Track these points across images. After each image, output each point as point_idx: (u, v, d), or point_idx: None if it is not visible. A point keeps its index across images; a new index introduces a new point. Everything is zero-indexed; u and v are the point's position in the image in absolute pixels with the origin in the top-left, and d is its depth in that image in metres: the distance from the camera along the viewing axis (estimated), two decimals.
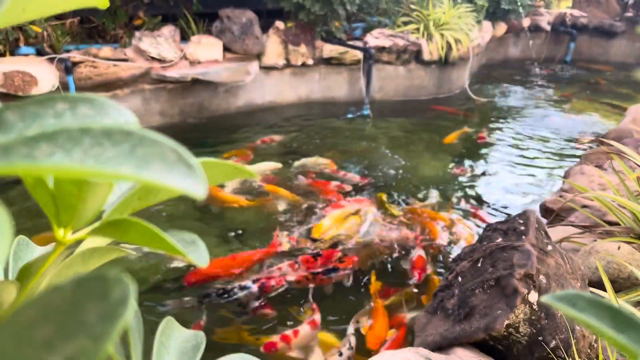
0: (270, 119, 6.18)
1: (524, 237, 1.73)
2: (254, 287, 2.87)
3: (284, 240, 3.42)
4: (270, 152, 5.21)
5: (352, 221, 3.64)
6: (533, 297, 1.58)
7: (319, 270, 3.03)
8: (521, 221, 1.81)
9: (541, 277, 1.62)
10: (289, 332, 2.58)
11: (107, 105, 0.34)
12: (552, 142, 5.85)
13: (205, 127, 5.79)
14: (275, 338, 2.56)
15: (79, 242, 0.46)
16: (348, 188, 4.30)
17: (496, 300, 1.62)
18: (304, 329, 2.61)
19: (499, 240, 1.80)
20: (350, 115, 6.16)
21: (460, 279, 1.82)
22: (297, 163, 4.76)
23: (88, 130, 0.28)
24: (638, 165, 2.49)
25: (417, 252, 3.20)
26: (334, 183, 4.33)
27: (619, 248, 2.08)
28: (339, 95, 6.75)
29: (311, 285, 2.96)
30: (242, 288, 2.86)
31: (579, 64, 9.78)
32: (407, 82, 6.89)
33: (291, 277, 2.98)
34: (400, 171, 4.82)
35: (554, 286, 1.62)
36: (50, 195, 0.38)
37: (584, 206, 2.71)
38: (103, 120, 0.33)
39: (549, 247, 1.75)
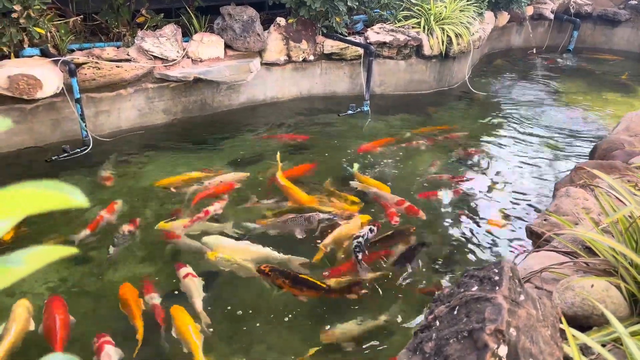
0: (272, 114, 6.26)
1: (497, 287, 1.85)
2: None
3: None
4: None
5: None
6: (503, 350, 1.71)
7: None
8: (496, 270, 1.93)
9: (511, 329, 1.75)
10: None
11: None
12: (550, 140, 5.92)
13: (208, 124, 5.88)
14: None
15: None
16: None
17: (468, 352, 1.74)
18: None
19: (475, 289, 1.91)
20: (350, 112, 6.22)
21: (438, 323, 1.95)
22: None
23: None
24: (615, 194, 2.58)
25: None
26: None
27: (592, 286, 2.20)
28: (340, 89, 6.82)
29: None
30: None
31: (582, 53, 9.73)
32: (407, 77, 6.94)
33: None
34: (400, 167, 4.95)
35: (523, 339, 1.75)
36: None
37: None
38: None
39: (522, 297, 1.87)
